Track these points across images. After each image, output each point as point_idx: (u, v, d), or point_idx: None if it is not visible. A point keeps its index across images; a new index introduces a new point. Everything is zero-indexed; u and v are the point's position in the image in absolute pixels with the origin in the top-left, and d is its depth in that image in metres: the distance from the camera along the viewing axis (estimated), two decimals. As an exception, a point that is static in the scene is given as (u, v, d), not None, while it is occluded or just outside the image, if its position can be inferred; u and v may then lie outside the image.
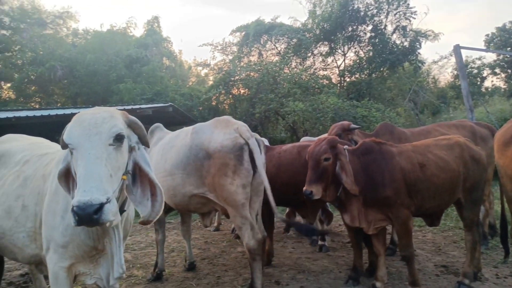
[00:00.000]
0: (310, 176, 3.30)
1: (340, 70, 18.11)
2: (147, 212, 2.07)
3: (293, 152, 4.38)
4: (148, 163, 2.12)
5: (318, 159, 3.31)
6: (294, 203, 4.56)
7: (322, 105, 12.06)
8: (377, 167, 3.36)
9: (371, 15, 17.36)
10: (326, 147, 3.33)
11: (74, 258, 2.28)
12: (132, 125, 2.12)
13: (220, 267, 4.60)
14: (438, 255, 4.67)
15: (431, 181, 3.41)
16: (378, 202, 3.33)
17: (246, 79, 14.95)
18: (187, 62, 28.01)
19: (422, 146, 3.64)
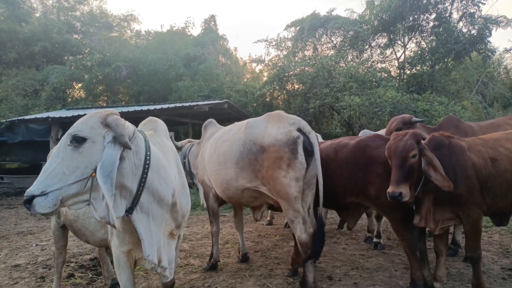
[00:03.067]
0: (398, 175, 2.99)
1: (399, 62, 17.32)
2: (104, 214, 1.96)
3: (330, 151, 3.96)
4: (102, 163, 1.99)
5: (405, 156, 3.01)
6: (333, 206, 4.16)
7: (379, 99, 11.64)
8: (448, 162, 3.12)
9: (434, 2, 16.34)
10: (412, 143, 3.03)
11: (131, 244, 2.44)
12: (109, 125, 2.11)
13: (272, 260, 4.66)
14: (505, 258, 4.34)
15: (504, 177, 3.17)
16: (449, 201, 3.12)
17: (301, 74, 14.86)
18: (242, 59, 28.48)
19: (491, 140, 3.39)
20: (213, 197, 4.50)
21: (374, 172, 3.48)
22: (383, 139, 3.71)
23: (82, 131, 2.04)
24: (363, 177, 3.55)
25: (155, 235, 2.33)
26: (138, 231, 2.23)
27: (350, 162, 3.68)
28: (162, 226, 2.44)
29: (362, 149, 3.65)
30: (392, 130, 4.56)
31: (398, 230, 3.52)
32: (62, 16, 23.97)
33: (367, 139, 3.77)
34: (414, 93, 13.21)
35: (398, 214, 3.42)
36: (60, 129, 12.36)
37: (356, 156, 3.67)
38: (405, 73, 16.72)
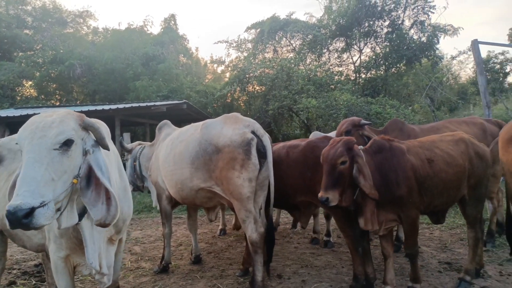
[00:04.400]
0: (326, 181, 3.04)
1: (355, 66, 17.92)
2: (102, 216, 2.03)
3: (282, 153, 4.05)
4: (101, 167, 2.08)
5: (334, 163, 3.05)
6: (285, 206, 4.32)
7: (335, 101, 12.00)
8: (389, 165, 3.24)
9: (388, 10, 17.07)
10: (342, 150, 3.06)
11: (69, 249, 2.38)
12: (88, 128, 2.11)
13: (225, 261, 4.70)
14: (443, 252, 4.64)
15: (439, 177, 3.35)
16: (391, 202, 3.23)
17: (261, 76, 15.00)
18: (203, 59, 28.29)
19: (428, 142, 3.58)
20: (166, 198, 4.47)
21: (321, 171, 3.49)
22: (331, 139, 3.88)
23: (71, 134, 1.97)
24: (312, 176, 3.65)
25: (97, 241, 2.29)
26: (84, 238, 2.19)
27: (300, 162, 3.79)
28: (102, 232, 2.40)
29: (311, 149, 3.76)
30: (342, 132, 4.74)
31: (342, 227, 3.65)
32: (12, 10, 22.67)
33: (316, 140, 3.92)
34: (368, 96, 13.73)
35: (342, 212, 3.53)
36: (7, 129, 11.69)
37: (305, 156, 3.77)
38: (360, 77, 17.33)
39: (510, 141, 3.24)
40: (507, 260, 4.21)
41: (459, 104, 16.82)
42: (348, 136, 4.62)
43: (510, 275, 3.86)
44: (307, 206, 4.10)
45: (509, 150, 3.24)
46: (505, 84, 23.93)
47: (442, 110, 17.27)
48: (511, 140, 3.23)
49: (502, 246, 4.67)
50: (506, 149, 3.30)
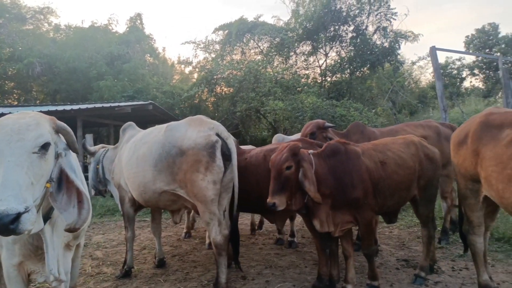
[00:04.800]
0: (273, 186, 3.11)
1: (321, 69, 18.31)
2: (73, 219, 2.01)
3: (259, 157, 4.08)
4: (74, 170, 2.08)
5: (279, 168, 3.12)
6: (261, 210, 4.29)
7: (301, 104, 12.21)
8: (344, 168, 3.32)
9: (353, 15, 17.58)
10: (287, 155, 3.14)
11: (23, 256, 2.29)
12: (60, 131, 2.10)
13: (189, 264, 4.67)
14: (401, 250, 4.84)
15: (392, 179, 3.48)
16: (346, 204, 3.30)
17: (228, 78, 15.01)
18: (171, 60, 27.92)
19: (381, 144, 3.71)
20: (129, 201, 4.39)
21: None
22: (308, 142, 3.88)
23: (49, 137, 1.94)
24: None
25: (56, 247, 2.24)
26: (45, 244, 2.13)
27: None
28: (61, 237, 2.34)
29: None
30: (307, 133, 4.84)
31: (310, 228, 3.66)
32: (-35, 4, 21.42)
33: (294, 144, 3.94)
34: (333, 99, 14.07)
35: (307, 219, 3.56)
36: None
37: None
38: (326, 80, 17.72)
39: (460, 144, 3.43)
40: (459, 256, 4.45)
41: (419, 107, 17.54)
42: (313, 137, 4.76)
43: (461, 270, 4.09)
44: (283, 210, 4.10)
45: (459, 152, 3.42)
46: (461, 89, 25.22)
47: (403, 113, 17.95)
48: (461, 143, 3.41)
49: (455, 243, 4.94)
50: (456, 152, 3.49)
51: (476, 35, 26.27)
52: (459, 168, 3.48)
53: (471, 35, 26.72)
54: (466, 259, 4.29)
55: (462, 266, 4.17)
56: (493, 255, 4.45)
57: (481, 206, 3.34)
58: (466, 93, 24.08)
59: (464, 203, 3.48)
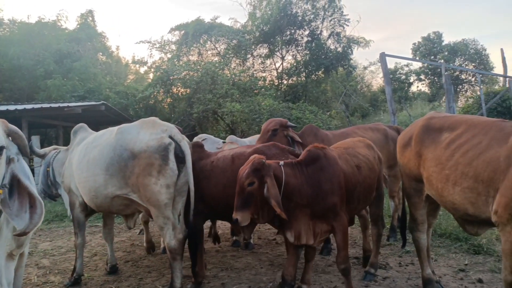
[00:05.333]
0: (236, 202, 2.99)
1: (278, 72, 18.61)
2: (25, 225, 1.95)
3: (227, 160, 3.81)
4: (27, 175, 2.04)
5: (242, 184, 2.99)
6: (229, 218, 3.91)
7: (258, 106, 12.35)
8: (324, 175, 3.15)
9: (308, 20, 18.07)
10: (248, 172, 2.98)
11: None
12: (12, 135, 2.04)
13: (143, 269, 4.56)
14: (353, 248, 5.02)
15: (366, 182, 3.49)
16: (326, 212, 3.13)
17: (185, 79, 14.83)
18: (125, 59, 27.09)
19: (350, 148, 3.68)
20: (79, 206, 4.23)
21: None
22: (279, 148, 3.69)
23: (3, 141, 1.84)
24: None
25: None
26: None
27: None
28: (3, 246, 2.21)
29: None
30: (269, 129, 4.79)
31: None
32: None
33: (263, 148, 3.69)
34: (289, 102, 14.37)
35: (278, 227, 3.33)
36: None
37: None
38: (282, 83, 18.02)
39: (405, 146, 3.64)
40: (406, 252, 4.71)
41: (370, 110, 18.30)
42: (275, 134, 4.73)
43: (407, 265, 4.33)
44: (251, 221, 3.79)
45: (404, 154, 3.63)
46: (409, 93, 26.66)
47: (356, 116, 18.68)
48: (406, 146, 3.62)
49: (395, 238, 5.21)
50: (402, 153, 3.70)
51: (422, 43, 27.93)
52: (404, 169, 3.69)
53: (417, 43, 28.37)
54: (412, 254, 4.53)
55: (408, 262, 4.41)
56: (436, 250, 4.75)
57: (424, 204, 3.57)
58: (414, 97, 25.49)
59: (409, 201, 3.70)
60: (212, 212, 3.92)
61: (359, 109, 18.70)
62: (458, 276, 3.95)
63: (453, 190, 2.95)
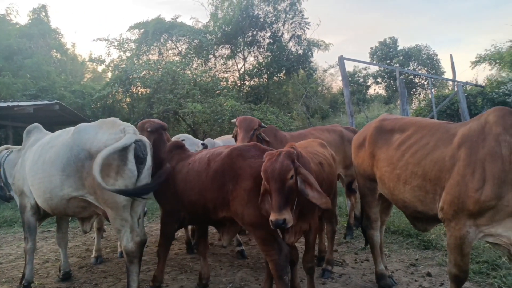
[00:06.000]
0: (279, 201, 2.62)
1: (240, 73, 18.63)
2: None
3: (203, 161, 3.52)
4: None
5: (283, 179, 2.67)
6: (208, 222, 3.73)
7: (220, 107, 12.31)
8: None
9: (270, 22, 18.24)
10: (288, 163, 2.72)
11: None
12: None
13: (99, 274, 4.41)
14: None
15: (328, 179, 3.56)
16: (309, 210, 3.05)
17: (145, 78, 14.49)
18: (81, 57, 26.06)
19: (309, 147, 3.73)
20: (31, 209, 4.03)
21: (242, 185, 3.10)
22: (260, 149, 3.36)
23: None
24: (232, 189, 3.17)
25: None
26: None
27: (221, 173, 3.26)
28: None
29: (234, 159, 3.23)
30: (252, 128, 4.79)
31: (266, 250, 3.09)
32: None
33: (241, 148, 3.39)
34: (251, 103, 14.43)
35: (264, 233, 3.06)
36: None
37: (227, 166, 3.24)
38: (244, 84, 18.08)
39: (359, 147, 3.78)
40: (361, 249, 4.88)
41: (330, 112, 18.77)
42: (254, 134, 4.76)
43: (363, 262, 4.49)
44: (233, 223, 3.48)
45: (359, 155, 3.77)
46: (367, 96, 27.59)
47: (316, 117, 19.08)
48: (360, 146, 3.76)
49: (358, 238, 5.39)
50: (356, 154, 3.84)
51: (379, 47, 28.97)
52: (359, 169, 3.83)
53: (375, 47, 29.39)
54: (367, 251, 4.69)
55: (364, 258, 4.57)
56: (389, 247, 4.95)
57: (377, 203, 3.73)
58: (371, 100, 26.43)
59: (363, 200, 3.85)
60: (191, 217, 3.65)
61: (319, 111, 19.14)
62: (409, 271, 4.14)
63: (404, 188, 3.11)
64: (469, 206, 2.56)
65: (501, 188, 2.47)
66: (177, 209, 3.62)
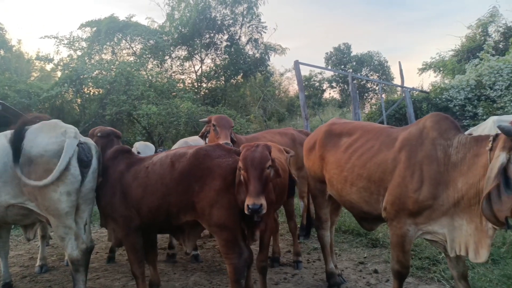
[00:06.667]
0: (258, 187, 2.73)
1: (197, 75, 18.49)
2: None
3: (165, 164, 3.31)
4: None
5: (263, 167, 2.81)
6: (168, 229, 3.58)
7: (176, 109, 12.15)
8: None
9: (227, 25, 18.29)
10: (267, 154, 2.88)
11: None
12: None
13: (43, 284, 4.19)
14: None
15: (282, 183, 3.59)
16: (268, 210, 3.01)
17: (97, 78, 13.96)
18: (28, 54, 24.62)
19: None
20: (-35, 218, 3.74)
21: (211, 185, 3.05)
22: (225, 149, 3.31)
23: None
24: (199, 190, 3.08)
25: None
26: None
27: (187, 174, 3.14)
28: None
29: (201, 159, 3.15)
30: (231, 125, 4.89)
31: (227, 253, 3.07)
32: None
33: (207, 148, 3.33)
34: (209, 106, 14.38)
35: (229, 235, 3.04)
36: None
37: (193, 166, 3.14)
38: (202, 86, 17.96)
39: (310, 150, 3.89)
40: (314, 249, 5.01)
41: (286, 115, 19.10)
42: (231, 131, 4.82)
43: (315, 261, 4.63)
44: (193, 228, 3.36)
45: (310, 157, 3.88)
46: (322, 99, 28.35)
47: (273, 120, 19.33)
48: (311, 149, 3.88)
49: (311, 238, 5.53)
50: (307, 156, 3.95)
51: (334, 53, 29.94)
52: (310, 171, 3.95)
53: (330, 52, 30.33)
54: (319, 251, 4.81)
55: (316, 258, 4.71)
56: (340, 246, 5.13)
57: (327, 204, 3.85)
58: (326, 103, 27.19)
59: (314, 201, 3.97)
60: (150, 225, 3.37)
61: (276, 114, 19.42)
62: (358, 268, 4.33)
63: (351, 190, 3.24)
64: (409, 205, 2.73)
65: (436, 189, 2.65)
66: (130, 217, 3.31)
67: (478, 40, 18.03)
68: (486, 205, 2.32)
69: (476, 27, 18.63)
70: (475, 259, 2.57)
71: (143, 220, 3.29)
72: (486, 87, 12.57)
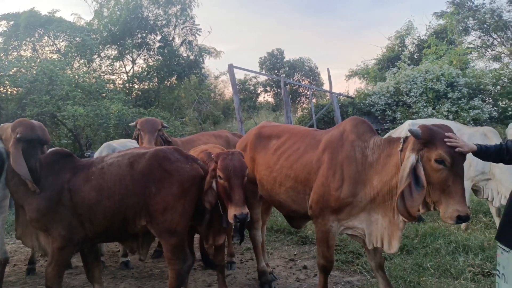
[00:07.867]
0: (242, 196, 2.92)
1: (129, 76, 17.81)
2: None
3: (123, 164, 3.09)
4: None
5: (244, 175, 3.02)
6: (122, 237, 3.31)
7: (105, 111, 11.60)
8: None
9: (160, 25, 17.85)
10: (244, 162, 3.10)
11: None
12: None
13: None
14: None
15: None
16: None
17: (15, 76, 12.83)
18: None
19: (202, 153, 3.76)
20: None
21: (169, 189, 2.98)
22: (183, 154, 3.23)
23: None
24: (156, 193, 2.99)
25: None
26: None
27: (147, 174, 3.02)
28: None
29: (160, 161, 3.05)
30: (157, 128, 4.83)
31: (171, 259, 3.03)
32: None
33: (166, 151, 3.22)
34: (141, 107, 13.93)
35: (177, 241, 3.01)
36: None
37: (153, 167, 3.03)
38: (133, 87, 17.34)
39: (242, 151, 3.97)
40: (247, 249, 5.13)
41: (221, 118, 19.16)
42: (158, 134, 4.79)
43: (248, 261, 4.75)
44: (146, 234, 3.20)
45: (242, 159, 3.99)
46: (257, 103, 28.88)
47: (208, 123, 19.28)
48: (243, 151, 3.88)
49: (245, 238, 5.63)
50: (240, 159, 4.05)
51: (268, 57, 30.66)
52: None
53: (264, 57, 31.01)
54: (252, 251, 4.94)
55: (249, 258, 4.83)
56: (272, 245, 5.30)
57: (258, 204, 3.98)
58: (260, 107, 27.75)
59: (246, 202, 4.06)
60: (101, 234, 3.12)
61: (212, 117, 19.39)
62: (289, 265, 4.52)
63: (279, 190, 3.40)
64: (331, 203, 2.94)
65: (355, 187, 2.89)
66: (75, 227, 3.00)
67: (396, 50, 19.70)
68: (400, 202, 2.57)
69: (395, 39, 20.35)
70: (389, 250, 2.84)
71: (95, 229, 3.03)
72: (403, 94, 13.79)
